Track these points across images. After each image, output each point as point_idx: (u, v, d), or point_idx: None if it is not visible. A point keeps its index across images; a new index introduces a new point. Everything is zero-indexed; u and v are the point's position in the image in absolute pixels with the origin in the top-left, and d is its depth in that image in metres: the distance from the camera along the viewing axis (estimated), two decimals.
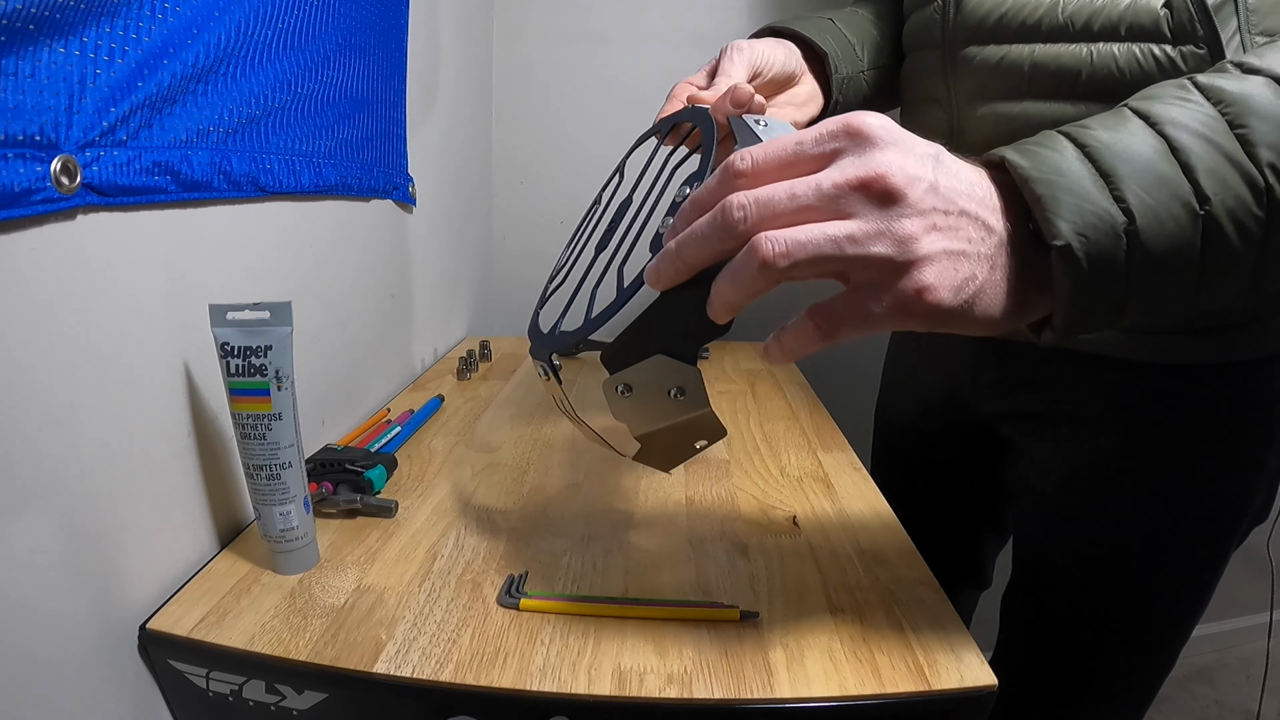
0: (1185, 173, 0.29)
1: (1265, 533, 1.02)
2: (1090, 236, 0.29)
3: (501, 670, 0.39)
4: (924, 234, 0.28)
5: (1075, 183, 0.29)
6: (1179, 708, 1.41)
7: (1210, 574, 0.55)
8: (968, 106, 0.52)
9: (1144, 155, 0.30)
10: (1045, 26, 0.46)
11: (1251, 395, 0.51)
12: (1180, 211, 0.29)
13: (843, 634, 0.42)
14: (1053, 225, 0.29)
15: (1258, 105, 0.30)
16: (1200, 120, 0.30)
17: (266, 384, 0.44)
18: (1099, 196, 0.29)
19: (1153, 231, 0.29)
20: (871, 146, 0.29)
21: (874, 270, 0.29)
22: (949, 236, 0.29)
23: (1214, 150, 0.29)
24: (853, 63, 0.60)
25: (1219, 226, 0.29)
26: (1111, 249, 0.29)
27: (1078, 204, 0.29)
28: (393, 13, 0.73)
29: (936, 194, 0.29)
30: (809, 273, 0.29)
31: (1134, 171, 0.29)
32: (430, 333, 0.96)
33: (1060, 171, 0.30)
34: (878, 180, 0.28)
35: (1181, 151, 0.30)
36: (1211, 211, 0.29)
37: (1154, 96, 0.32)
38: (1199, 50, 0.41)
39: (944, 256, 0.29)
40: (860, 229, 0.28)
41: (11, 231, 0.33)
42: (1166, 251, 0.29)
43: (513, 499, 0.58)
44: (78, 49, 0.35)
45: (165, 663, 0.42)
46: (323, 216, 0.64)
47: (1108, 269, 0.29)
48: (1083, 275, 0.29)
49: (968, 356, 0.63)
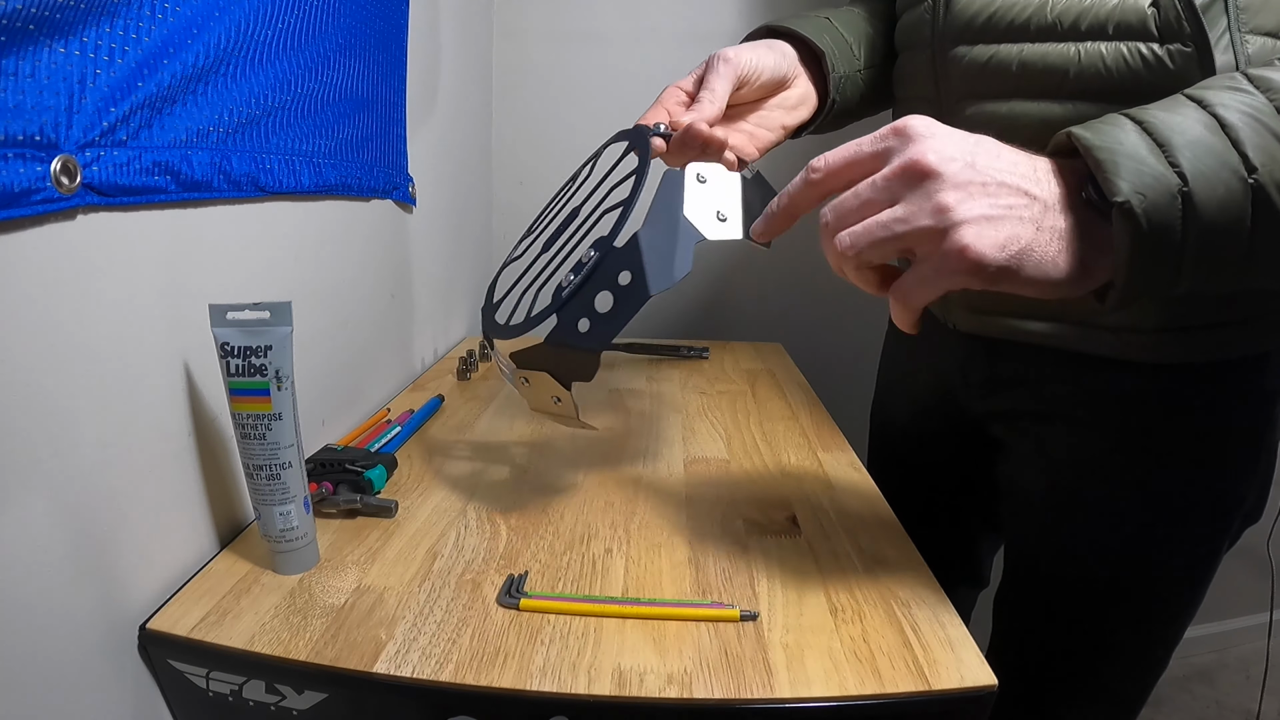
0: (1234, 146, 0.31)
1: (1265, 533, 1.02)
2: (1148, 195, 0.31)
3: (501, 670, 0.39)
4: (960, 203, 0.32)
5: (1133, 149, 0.32)
6: (1179, 708, 1.41)
7: (1202, 574, 0.55)
8: (956, 106, 0.52)
9: (1195, 130, 0.32)
10: (1033, 26, 0.46)
11: (1242, 394, 0.51)
12: (1230, 177, 0.31)
13: (843, 634, 0.42)
14: (1113, 184, 0.31)
15: None
16: (1248, 104, 0.32)
17: (266, 384, 0.44)
18: (1155, 161, 0.31)
19: (1205, 194, 0.31)
20: (914, 140, 0.34)
21: (924, 241, 0.33)
22: (985, 203, 0.32)
23: (1261, 128, 0.31)
24: (850, 61, 0.60)
25: (1267, 195, 0.31)
26: (1168, 208, 0.31)
27: (1136, 166, 0.31)
28: (393, 13, 0.73)
29: (973, 169, 0.33)
30: (878, 254, 0.34)
31: (1187, 142, 0.32)
32: (430, 333, 0.96)
33: (1119, 140, 0.32)
34: (916, 165, 0.33)
35: (1229, 127, 0.32)
36: (1259, 180, 0.31)
37: (1207, 86, 0.34)
38: (1186, 49, 0.41)
39: (981, 220, 0.32)
40: (905, 210, 0.33)
41: (11, 231, 0.33)
42: (1219, 214, 0.31)
43: (513, 499, 0.58)
44: (78, 49, 0.35)
45: (165, 663, 0.42)
46: (323, 216, 0.64)
47: (1165, 228, 0.31)
48: (1141, 233, 0.31)
49: (958, 356, 0.63)
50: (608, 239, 0.42)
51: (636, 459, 0.67)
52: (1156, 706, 1.40)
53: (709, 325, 1.26)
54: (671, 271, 0.41)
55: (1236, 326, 0.49)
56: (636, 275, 0.41)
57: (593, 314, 0.42)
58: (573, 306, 0.42)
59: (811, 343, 1.21)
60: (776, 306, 1.25)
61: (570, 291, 0.42)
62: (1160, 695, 1.41)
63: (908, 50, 0.58)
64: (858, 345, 1.10)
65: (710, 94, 0.50)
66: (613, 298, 0.41)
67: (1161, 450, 0.52)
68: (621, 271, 0.41)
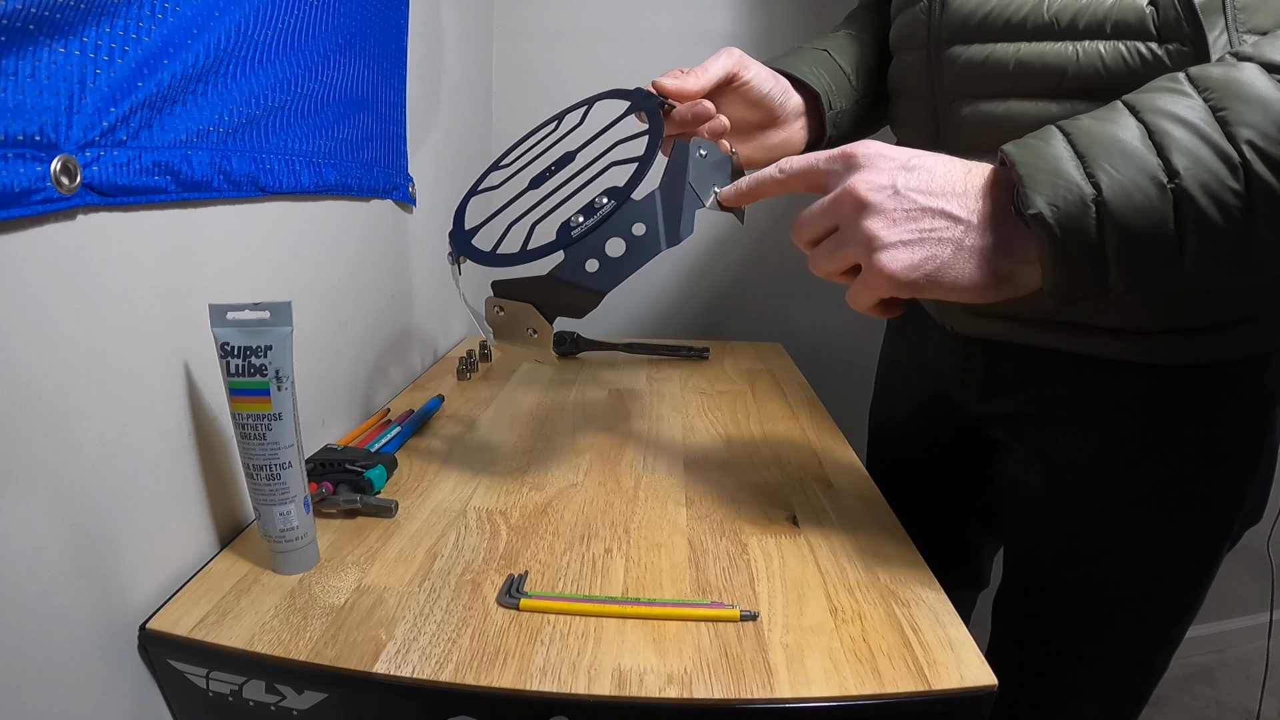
0: (1158, 152, 0.33)
1: (1265, 533, 1.02)
2: (1060, 206, 0.34)
3: (501, 670, 0.39)
4: (882, 230, 0.37)
5: (1052, 163, 0.35)
6: (1179, 708, 1.41)
7: (1203, 575, 0.55)
8: (952, 106, 0.52)
9: (1119, 138, 0.34)
10: (1030, 25, 0.46)
11: (1242, 395, 0.51)
12: (1147, 184, 0.33)
13: (843, 634, 0.42)
14: (1027, 199, 0.35)
15: (1241, 89, 0.33)
16: (1183, 106, 0.34)
17: (266, 384, 0.44)
18: (1072, 172, 0.34)
19: (1120, 202, 0.33)
20: (852, 170, 0.39)
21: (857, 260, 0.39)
22: (905, 230, 0.37)
23: (1188, 131, 0.33)
24: (846, 93, 0.62)
25: (1190, 198, 0.33)
26: (1080, 216, 0.34)
27: (1051, 180, 0.34)
28: (393, 13, 0.73)
29: (897, 197, 0.38)
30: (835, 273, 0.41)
31: (1106, 152, 0.34)
32: (430, 333, 0.96)
33: (1042, 155, 0.35)
34: (849, 195, 0.39)
35: (1156, 134, 0.34)
36: (1181, 184, 0.33)
37: (1147, 89, 0.36)
38: (1185, 48, 0.41)
39: (899, 245, 0.37)
40: (841, 235, 0.40)
41: (11, 231, 0.33)
42: (1136, 219, 0.33)
43: (513, 499, 0.58)
44: (78, 49, 0.35)
45: (165, 663, 0.42)
46: (323, 216, 0.64)
47: (1079, 234, 0.34)
48: (1056, 240, 0.34)
49: (957, 358, 0.63)
50: (624, 190, 0.45)
51: (636, 459, 0.67)
52: (1156, 706, 1.40)
53: (709, 325, 1.26)
54: (678, 232, 0.46)
55: (1237, 327, 0.49)
56: (651, 228, 0.45)
57: (603, 257, 0.45)
58: (582, 247, 0.44)
59: (811, 343, 1.21)
60: (776, 306, 1.25)
61: (582, 232, 0.44)
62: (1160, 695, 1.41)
63: (904, 51, 0.58)
64: (858, 346, 1.10)
65: (701, 69, 0.54)
66: (625, 245, 0.45)
67: (1162, 452, 0.52)
68: (636, 223, 0.45)
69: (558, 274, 0.45)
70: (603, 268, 0.44)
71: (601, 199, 0.45)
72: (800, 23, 1.13)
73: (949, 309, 0.61)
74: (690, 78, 0.53)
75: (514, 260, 0.46)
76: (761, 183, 0.45)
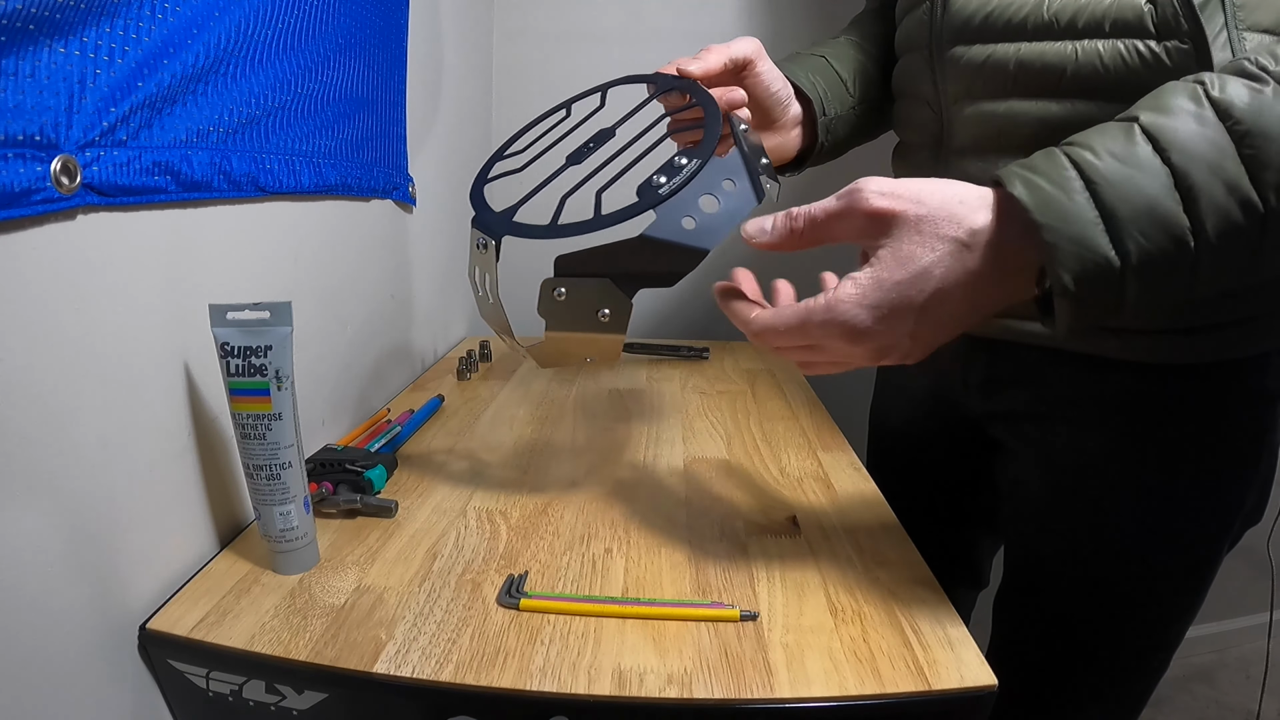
0: (1187, 208, 0.32)
1: (1265, 533, 1.02)
2: (1088, 280, 0.33)
3: (501, 670, 0.39)
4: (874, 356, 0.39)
5: (1078, 230, 0.33)
6: (1179, 708, 1.41)
7: (1203, 576, 0.55)
8: (954, 106, 0.52)
9: (1146, 195, 0.32)
10: (1030, 25, 0.46)
11: (1243, 395, 0.51)
12: (1174, 247, 0.32)
13: (843, 634, 0.42)
14: (1055, 275, 0.33)
15: (1267, 123, 0.32)
16: (1209, 143, 0.32)
17: (266, 384, 0.44)
18: (1099, 241, 0.33)
19: (1147, 269, 0.33)
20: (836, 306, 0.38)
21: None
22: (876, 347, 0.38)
23: (1218, 181, 0.32)
24: (843, 100, 0.62)
25: (1211, 248, 0.32)
26: (1104, 282, 0.33)
27: (1078, 252, 0.33)
28: (393, 13, 0.73)
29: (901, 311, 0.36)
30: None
31: (1134, 214, 0.32)
32: (430, 333, 0.96)
33: (1066, 218, 0.33)
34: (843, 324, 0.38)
35: (1184, 184, 0.32)
36: (1206, 238, 0.32)
37: (1165, 109, 0.34)
38: (1184, 46, 0.41)
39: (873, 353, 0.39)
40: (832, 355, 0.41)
41: (11, 231, 0.33)
42: (1158, 277, 0.33)
43: (513, 499, 0.58)
44: (78, 49, 0.35)
45: (165, 663, 0.42)
46: (323, 216, 0.64)
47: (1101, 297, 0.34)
48: (1080, 305, 0.34)
49: (958, 357, 0.63)
50: (705, 148, 0.43)
51: (636, 459, 0.67)
52: (1156, 706, 1.40)
53: (709, 325, 1.26)
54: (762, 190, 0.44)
55: (1237, 327, 0.49)
56: (740, 183, 0.43)
57: (699, 214, 0.42)
58: (677, 203, 0.42)
59: None
60: None
61: (675, 186, 0.42)
62: (1160, 695, 1.40)
63: (907, 53, 0.58)
64: None
65: (721, 48, 0.52)
66: (718, 202, 0.43)
67: (1162, 451, 0.52)
68: (725, 179, 0.43)
69: (651, 233, 0.41)
70: (700, 225, 0.42)
71: (680, 159, 0.43)
72: (803, 24, 1.13)
73: None
74: (712, 54, 0.52)
75: (587, 227, 0.42)
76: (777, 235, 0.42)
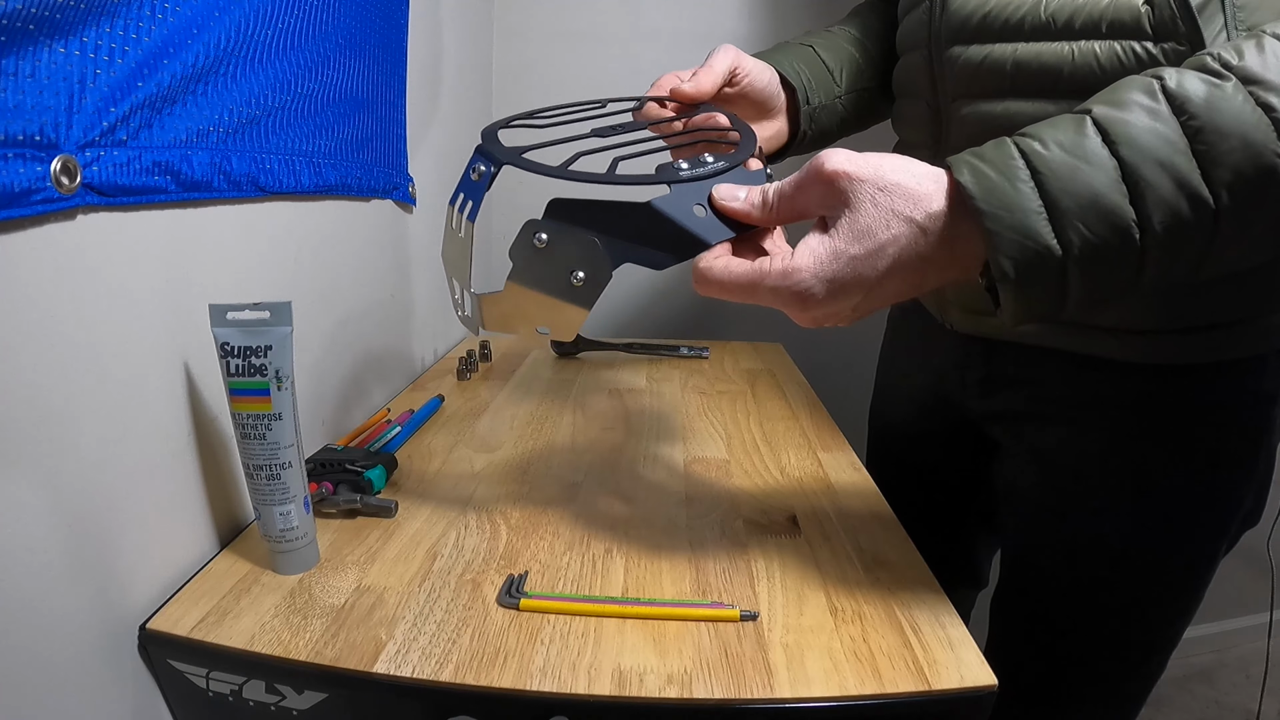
0: (1133, 201, 0.32)
1: (1265, 533, 1.02)
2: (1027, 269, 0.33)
3: (501, 670, 0.39)
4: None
5: (1020, 219, 0.32)
6: (1179, 708, 1.41)
7: (1201, 576, 0.55)
8: (953, 105, 0.53)
9: (1091, 187, 0.32)
10: (1028, 25, 0.46)
11: (1240, 395, 0.51)
12: (1118, 239, 0.32)
13: (843, 634, 0.42)
14: (995, 262, 0.33)
15: (1223, 119, 0.31)
16: (1160, 139, 0.32)
17: (266, 384, 0.44)
18: (1041, 231, 0.32)
19: (1089, 260, 0.33)
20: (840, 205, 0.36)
21: None
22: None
23: (1166, 176, 0.31)
24: (828, 90, 0.62)
25: (1158, 243, 0.32)
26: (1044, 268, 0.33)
27: (1019, 241, 0.33)
28: (393, 13, 0.73)
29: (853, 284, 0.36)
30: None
31: (1078, 206, 0.32)
32: (430, 333, 0.96)
33: (1008, 204, 0.33)
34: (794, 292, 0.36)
35: (1131, 177, 0.32)
36: (1152, 232, 0.32)
37: (1119, 102, 0.33)
38: (1181, 47, 0.41)
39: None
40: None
41: (11, 231, 0.33)
42: (1102, 269, 0.33)
43: (513, 499, 0.58)
44: (78, 49, 0.35)
45: (165, 663, 0.42)
46: (323, 216, 0.64)
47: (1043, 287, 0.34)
48: (1021, 292, 0.34)
49: (956, 356, 0.63)
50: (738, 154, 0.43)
51: (636, 459, 0.67)
52: (1156, 706, 1.40)
53: (709, 325, 1.26)
54: None
55: (1234, 328, 0.49)
56: None
57: (709, 207, 0.40)
58: (693, 188, 0.40)
59: (811, 343, 1.21)
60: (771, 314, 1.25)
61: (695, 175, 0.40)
62: (1160, 695, 1.41)
63: (907, 52, 0.59)
64: (857, 345, 1.10)
65: (708, 70, 0.53)
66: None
67: (1159, 452, 0.52)
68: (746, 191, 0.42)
69: (659, 204, 0.39)
70: (708, 218, 0.40)
71: (706, 157, 0.41)
72: (802, 21, 1.13)
73: (948, 307, 0.61)
74: (703, 76, 0.52)
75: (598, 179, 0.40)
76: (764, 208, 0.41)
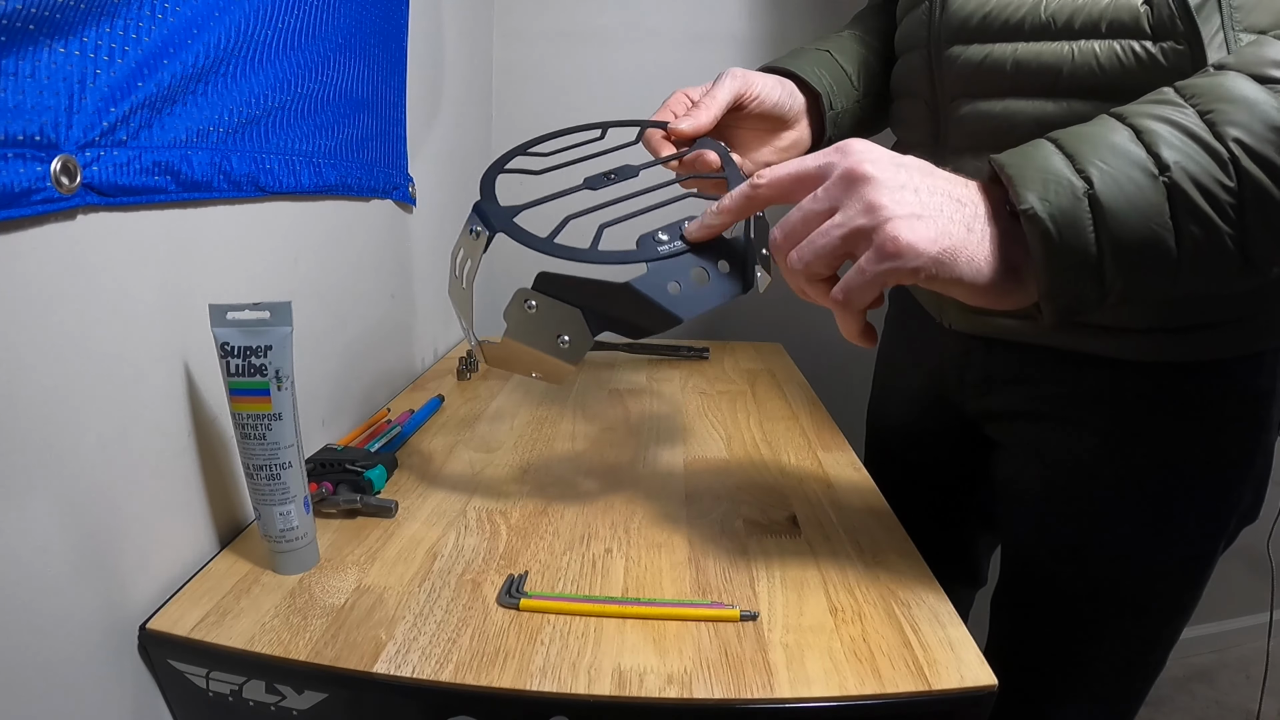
0: (1147, 149, 0.33)
1: (1264, 532, 1.02)
2: (1053, 200, 0.33)
3: (501, 670, 0.39)
4: (891, 201, 0.34)
5: (1043, 162, 0.34)
6: (1179, 708, 1.41)
7: (1199, 574, 0.55)
8: (952, 105, 0.53)
9: (1107, 138, 0.34)
10: (1028, 25, 0.46)
11: (1238, 394, 0.51)
12: (1140, 175, 0.33)
13: (843, 634, 0.42)
14: (1020, 195, 0.34)
15: (1226, 92, 0.33)
16: (1170, 110, 0.34)
17: (266, 384, 0.44)
18: (1062, 169, 0.34)
19: (1112, 193, 0.33)
20: (850, 154, 0.36)
21: (861, 239, 0.35)
22: (915, 202, 0.34)
23: (1175, 130, 0.33)
24: (848, 94, 0.62)
25: (1182, 191, 0.32)
26: (1073, 209, 0.33)
27: (1041, 176, 0.34)
28: (393, 13, 0.73)
29: (903, 170, 0.35)
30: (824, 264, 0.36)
31: (1095, 149, 0.34)
32: (430, 333, 0.96)
33: (1030, 157, 0.35)
34: (851, 172, 0.35)
35: (1144, 133, 0.34)
36: (1172, 177, 0.32)
37: (1134, 102, 0.36)
38: (1179, 47, 0.41)
39: (912, 217, 0.34)
40: (842, 215, 0.35)
41: (11, 231, 0.33)
42: (1130, 212, 0.33)
43: (513, 499, 0.58)
44: (78, 49, 0.35)
45: (165, 663, 0.42)
46: (323, 216, 0.64)
47: (1074, 228, 0.33)
48: (1050, 237, 0.33)
49: (954, 355, 0.63)
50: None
51: (636, 459, 0.67)
52: (1156, 706, 1.40)
53: (709, 325, 1.26)
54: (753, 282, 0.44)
55: (1231, 326, 0.49)
56: (736, 269, 0.44)
57: (686, 282, 0.43)
58: (671, 265, 0.43)
59: (811, 343, 1.21)
60: (776, 306, 1.25)
61: (672, 250, 0.43)
62: (1160, 695, 1.41)
63: (907, 52, 0.59)
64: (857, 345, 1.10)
65: (710, 101, 0.53)
66: (709, 276, 0.44)
67: (1157, 450, 0.52)
68: (723, 259, 0.44)
69: (637, 285, 0.42)
70: (684, 293, 0.42)
71: (687, 224, 0.44)
72: (804, 22, 1.13)
73: (946, 306, 0.61)
74: (701, 111, 0.52)
75: (581, 256, 0.43)
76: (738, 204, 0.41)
